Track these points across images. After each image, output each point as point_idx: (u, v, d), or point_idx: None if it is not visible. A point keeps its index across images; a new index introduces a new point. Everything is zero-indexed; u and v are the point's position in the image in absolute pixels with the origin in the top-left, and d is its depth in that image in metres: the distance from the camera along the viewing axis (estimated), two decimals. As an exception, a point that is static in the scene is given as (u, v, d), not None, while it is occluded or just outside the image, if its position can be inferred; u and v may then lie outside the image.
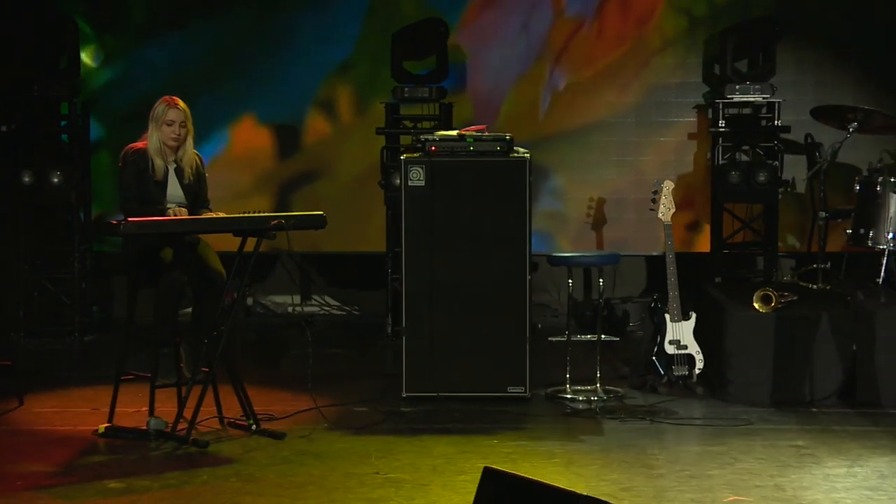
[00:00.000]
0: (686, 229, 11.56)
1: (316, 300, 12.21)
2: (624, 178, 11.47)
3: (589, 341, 9.22)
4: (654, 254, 11.11)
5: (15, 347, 10.60)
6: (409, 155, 8.95)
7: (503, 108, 11.60)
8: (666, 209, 9.11)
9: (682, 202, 11.42)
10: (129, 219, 7.66)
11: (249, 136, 11.71)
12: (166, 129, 8.15)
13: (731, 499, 6.69)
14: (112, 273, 11.45)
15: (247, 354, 10.48)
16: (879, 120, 9.65)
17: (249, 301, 12.01)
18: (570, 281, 9.15)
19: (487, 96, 11.61)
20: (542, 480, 5.63)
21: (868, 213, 9.24)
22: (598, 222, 11.53)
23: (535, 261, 9.49)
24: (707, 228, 11.39)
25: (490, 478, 5.81)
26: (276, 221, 7.83)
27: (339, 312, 12.16)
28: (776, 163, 10.88)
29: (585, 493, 5.38)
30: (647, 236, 11.21)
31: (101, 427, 7.95)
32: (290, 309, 12.05)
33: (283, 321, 11.77)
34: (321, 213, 8.14)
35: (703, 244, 11.45)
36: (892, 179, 9.14)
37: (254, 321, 11.88)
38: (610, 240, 11.48)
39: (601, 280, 9.15)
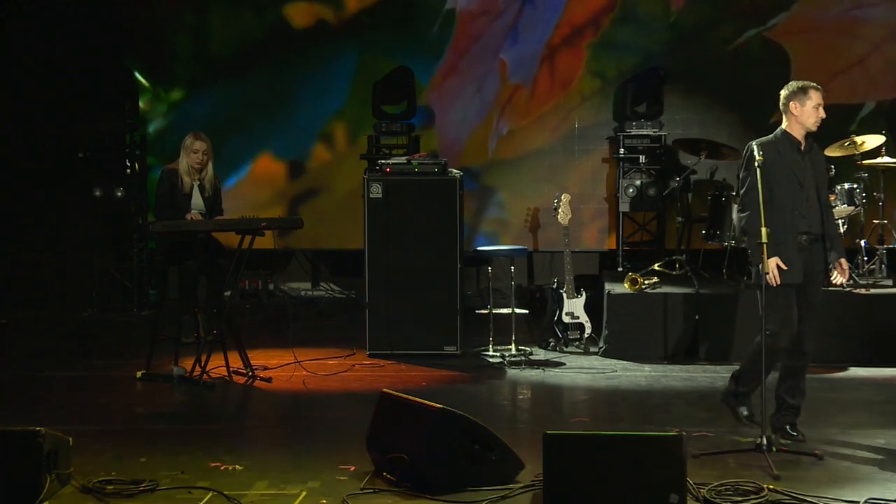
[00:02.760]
0: (598, 232, 12.38)
1: (323, 286, 12.96)
2: (553, 194, 11.83)
3: (508, 314, 10.11)
4: (576, 251, 11.77)
5: (87, 320, 11.48)
6: (370, 174, 9.97)
7: (463, 151, 12.28)
8: (564, 215, 10.11)
9: (596, 211, 12.42)
10: (156, 221, 8.76)
11: (268, 162, 12.44)
12: (193, 156, 9.15)
13: (575, 420, 7.75)
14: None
15: (262, 325, 11.38)
16: (725, 150, 10.52)
17: (271, 286, 12.86)
18: (489, 268, 10.14)
19: (451, 143, 12.30)
20: (424, 400, 6.63)
21: (716, 218, 10.12)
22: (534, 227, 12.27)
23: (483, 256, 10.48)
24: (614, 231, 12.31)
25: (384, 398, 6.89)
26: (264, 223, 8.90)
27: (340, 295, 12.84)
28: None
29: (470, 417, 6.32)
30: (573, 237, 12.00)
31: (139, 373, 8.92)
32: (303, 293, 13.00)
33: (295, 302, 12.44)
34: (299, 217, 9.25)
35: (612, 243, 12.27)
36: (733, 193, 9.88)
37: (274, 302, 12.55)
38: (544, 240, 12.21)
39: (512, 268, 10.10)
